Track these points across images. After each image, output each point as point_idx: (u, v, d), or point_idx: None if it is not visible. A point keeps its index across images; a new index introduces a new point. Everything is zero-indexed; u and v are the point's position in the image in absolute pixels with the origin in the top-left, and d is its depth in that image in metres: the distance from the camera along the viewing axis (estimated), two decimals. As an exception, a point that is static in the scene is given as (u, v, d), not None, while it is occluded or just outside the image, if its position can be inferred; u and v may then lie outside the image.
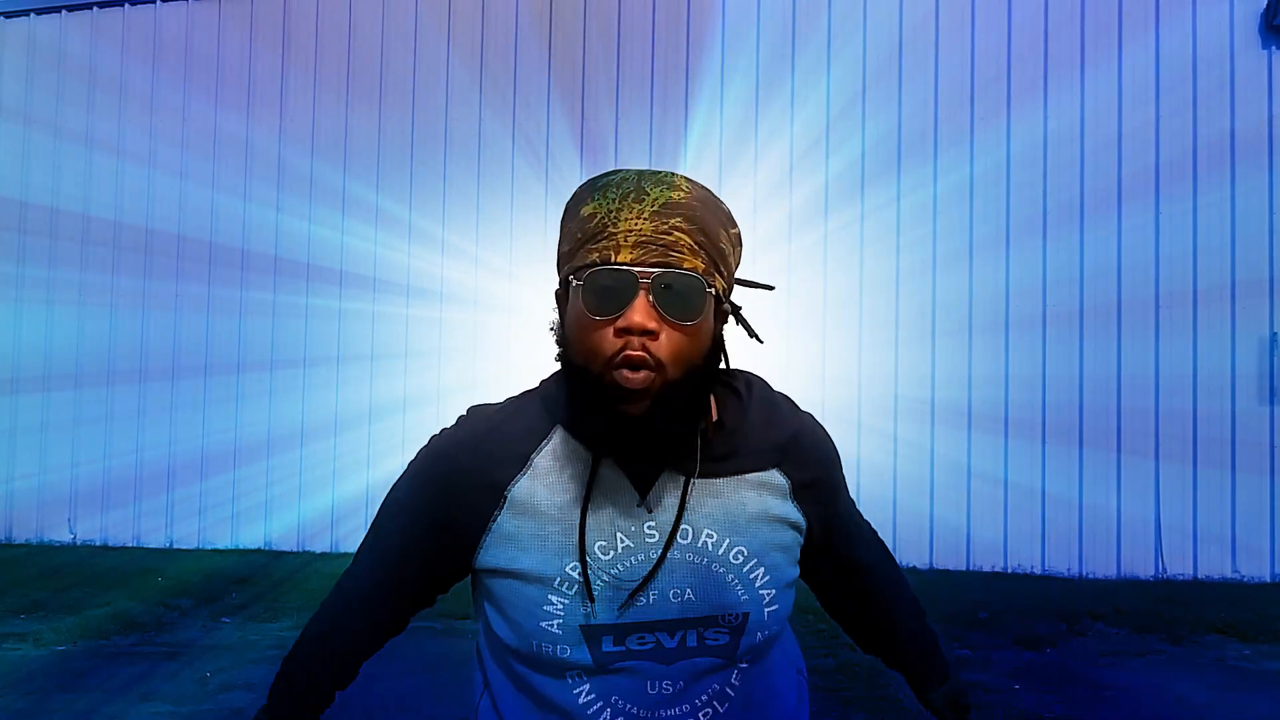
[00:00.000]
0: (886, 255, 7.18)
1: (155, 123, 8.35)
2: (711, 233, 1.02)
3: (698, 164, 7.43)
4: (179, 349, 8.16)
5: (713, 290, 1.01)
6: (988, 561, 6.87)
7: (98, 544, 8.03)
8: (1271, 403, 6.65)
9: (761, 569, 1.09)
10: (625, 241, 0.98)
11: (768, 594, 1.09)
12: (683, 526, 1.07)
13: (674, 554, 1.06)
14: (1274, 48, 6.80)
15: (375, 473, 7.69)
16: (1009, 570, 6.81)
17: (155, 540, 8.00)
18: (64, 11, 8.57)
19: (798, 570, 1.16)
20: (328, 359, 7.90)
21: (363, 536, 1.22)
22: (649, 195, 1.00)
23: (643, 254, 0.97)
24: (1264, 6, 6.77)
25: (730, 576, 1.08)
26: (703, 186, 1.06)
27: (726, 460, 1.09)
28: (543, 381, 1.18)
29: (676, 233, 0.99)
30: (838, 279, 7.28)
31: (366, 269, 7.90)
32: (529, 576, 1.06)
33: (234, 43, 8.27)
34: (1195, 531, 6.64)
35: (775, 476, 1.12)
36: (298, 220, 8.02)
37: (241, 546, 7.80)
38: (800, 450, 1.14)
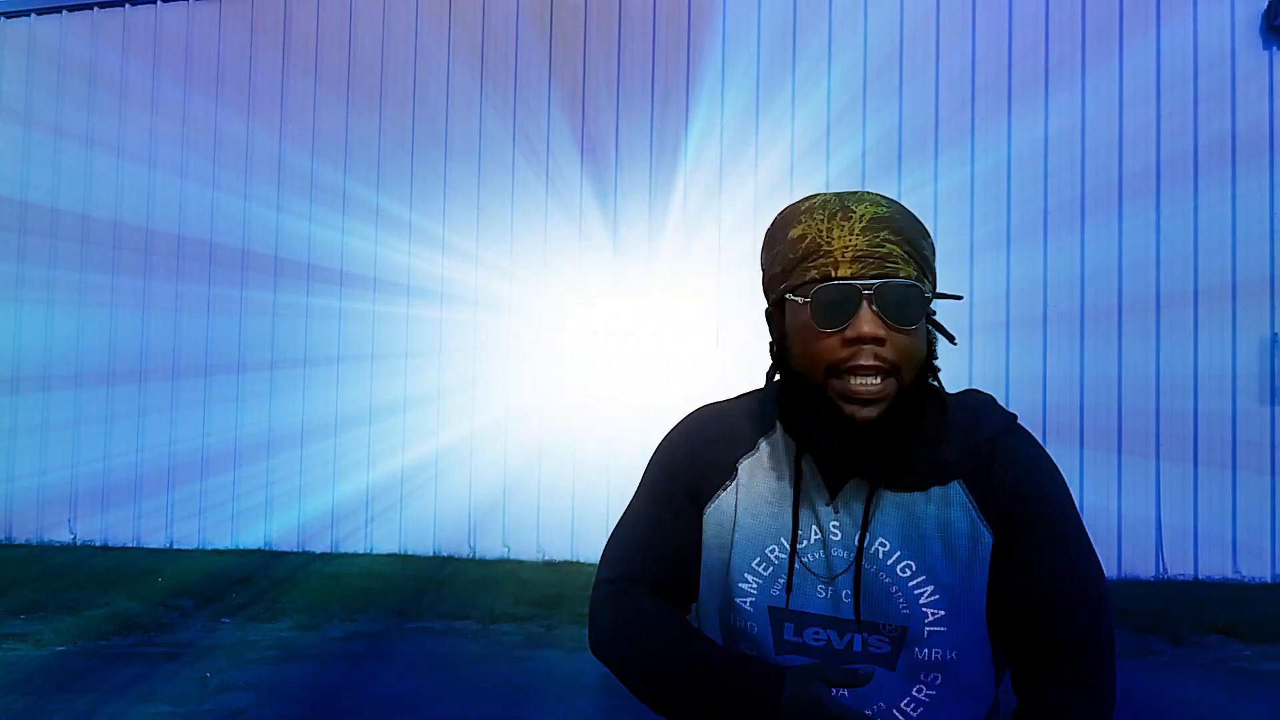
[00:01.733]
0: (887, 255, 7.17)
1: (155, 123, 8.35)
2: (916, 243, 1.09)
3: (698, 164, 7.43)
4: (179, 349, 8.16)
5: (929, 295, 1.08)
6: (988, 562, 6.86)
7: (98, 544, 8.03)
8: (1272, 403, 6.64)
9: (930, 586, 1.09)
10: (843, 257, 1.05)
11: (933, 613, 1.09)
12: (860, 532, 1.11)
13: (849, 556, 1.11)
14: (1274, 48, 6.80)
15: (375, 473, 7.69)
16: (1009, 570, 6.80)
17: (155, 540, 8.00)
18: (64, 12, 8.57)
19: (985, 595, 1.11)
20: (328, 359, 7.90)
21: (364, 536, 1.24)
22: (855, 212, 1.07)
23: (862, 268, 1.04)
24: (1264, 7, 6.77)
25: (894, 588, 1.10)
26: (898, 202, 1.13)
27: (914, 471, 1.11)
28: (768, 383, 1.23)
29: (888, 244, 1.05)
30: (838, 279, 7.27)
31: (367, 269, 7.90)
32: (735, 552, 1.16)
33: (234, 43, 8.27)
34: (1196, 532, 6.64)
35: (955, 490, 1.11)
36: (298, 220, 8.02)
37: (241, 547, 7.80)
38: (990, 469, 1.11)
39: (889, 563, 1.10)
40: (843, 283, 1.04)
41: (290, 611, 5.73)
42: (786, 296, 1.09)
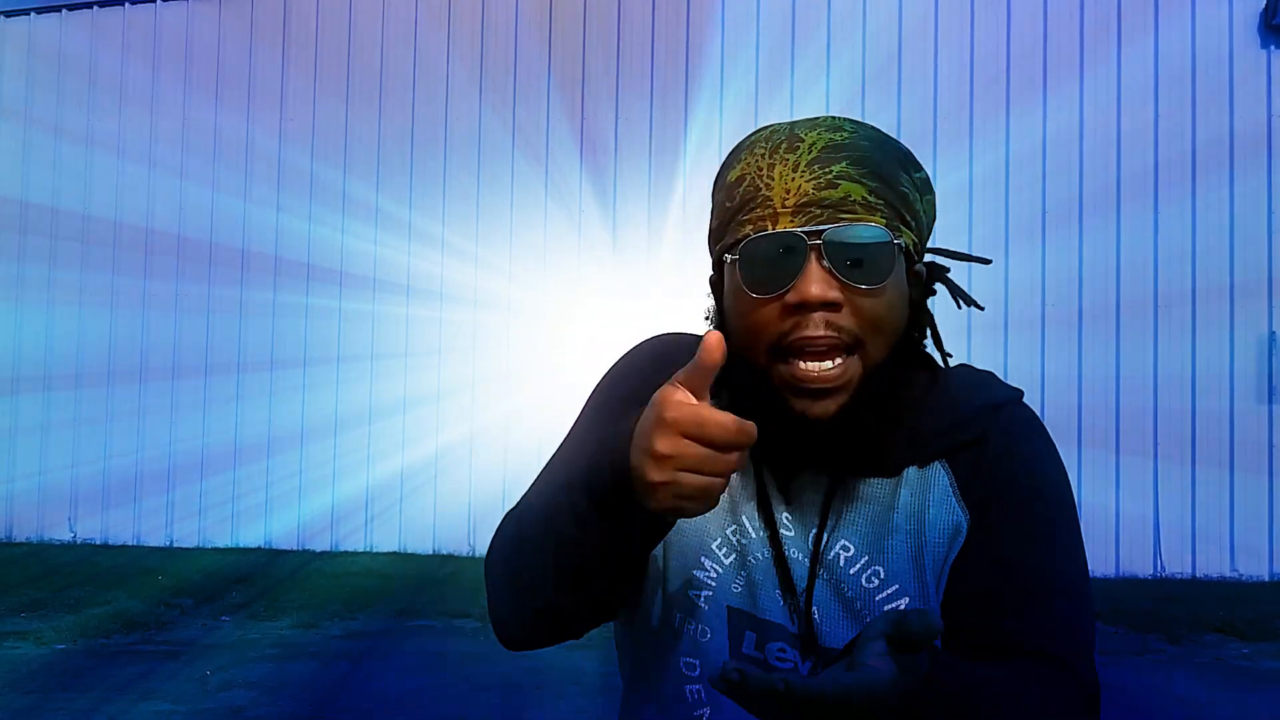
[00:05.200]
0: (886, 255, 7.19)
1: (155, 122, 8.36)
2: (888, 175, 0.83)
3: (697, 164, 7.43)
4: (179, 349, 8.17)
5: (900, 242, 0.83)
6: (987, 561, 6.88)
7: (98, 543, 8.04)
8: (1270, 402, 6.66)
9: (905, 600, 0.85)
10: (784, 206, 0.81)
11: None
12: (816, 532, 0.88)
13: (804, 560, 0.88)
14: (1273, 47, 6.81)
15: (375, 472, 7.70)
16: (1008, 570, 6.81)
17: (155, 539, 8.01)
18: (64, 11, 8.57)
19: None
20: (328, 359, 7.91)
21: (364, 535, 1.21)
22: (804, 141, 0.83)
23: (806, 219, 0.80)
24: (1263, 6, 6.78)
25: (859, 605, 0.86)
26: (871, 125, 0.89)
27: (888, 453, 0.87)
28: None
29: (844, 182, 0.81)
30: (837, 279, 7.29)
31: (366, 269, 7.91)
32: (691, 524, 0.89)
33: (234, 42, 8.28)
34: (1193, 531, 6.65)
35: (936, 472, 0.88)
36: (298, 220, 8.03)
37: (242, 545, 7.81)
38: (984, 445, 0.89)
39: (852, 571, 0.86)
40: (780, 232, 0.80)
41: (290, 610, 5.74)
42: (724, 256, 0.87)
